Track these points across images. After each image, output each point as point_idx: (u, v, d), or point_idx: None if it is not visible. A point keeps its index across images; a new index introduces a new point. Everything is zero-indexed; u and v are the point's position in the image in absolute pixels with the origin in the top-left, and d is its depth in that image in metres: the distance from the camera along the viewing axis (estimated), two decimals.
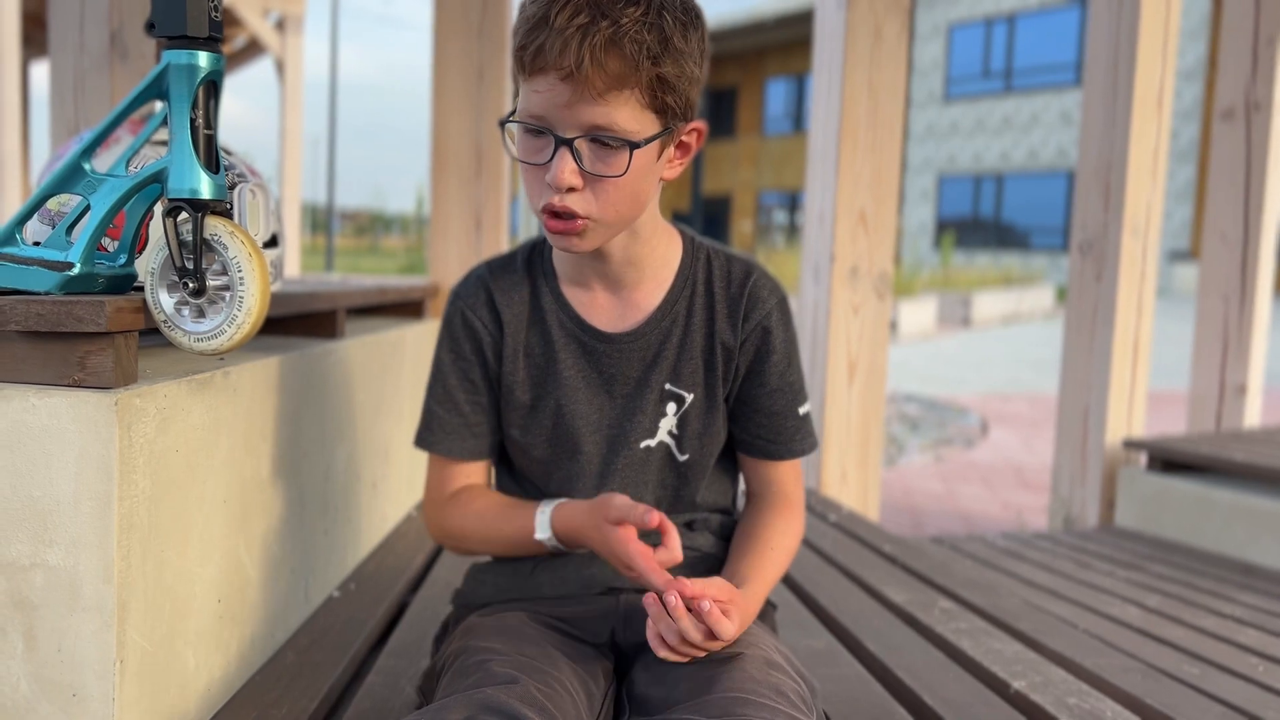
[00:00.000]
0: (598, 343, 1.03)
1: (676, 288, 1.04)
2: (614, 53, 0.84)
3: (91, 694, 0.88)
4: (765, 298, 1.04)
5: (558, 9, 0.84)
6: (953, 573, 1.84)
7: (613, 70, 0.85)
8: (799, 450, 1.08)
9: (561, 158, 0.88)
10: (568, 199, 0.89)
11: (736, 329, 1.04)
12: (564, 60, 0.84)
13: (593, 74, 0.84)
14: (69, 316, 0.86)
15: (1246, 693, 1.38)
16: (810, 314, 2.68)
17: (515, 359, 1.05)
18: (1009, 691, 1.26)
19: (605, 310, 1.04)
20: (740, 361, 1.05)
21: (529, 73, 0.87)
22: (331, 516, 1.48)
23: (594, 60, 0.84)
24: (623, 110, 0.87)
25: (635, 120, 0.88)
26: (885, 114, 2.56)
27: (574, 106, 0.86)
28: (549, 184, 0.89)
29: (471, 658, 0.90)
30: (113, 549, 0.87)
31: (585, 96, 0.85)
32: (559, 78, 0.85)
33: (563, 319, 1.04)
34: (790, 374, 1.06)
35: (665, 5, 0.87)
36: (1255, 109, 3.01)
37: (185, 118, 0.91)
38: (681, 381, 1.04)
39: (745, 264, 1.06)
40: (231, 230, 0.91)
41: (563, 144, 0.88)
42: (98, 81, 1.92)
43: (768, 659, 0.88)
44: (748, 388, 1.06)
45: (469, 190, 2.48)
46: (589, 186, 0.90)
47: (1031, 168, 20.17)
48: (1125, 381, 2.87)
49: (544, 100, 0.87)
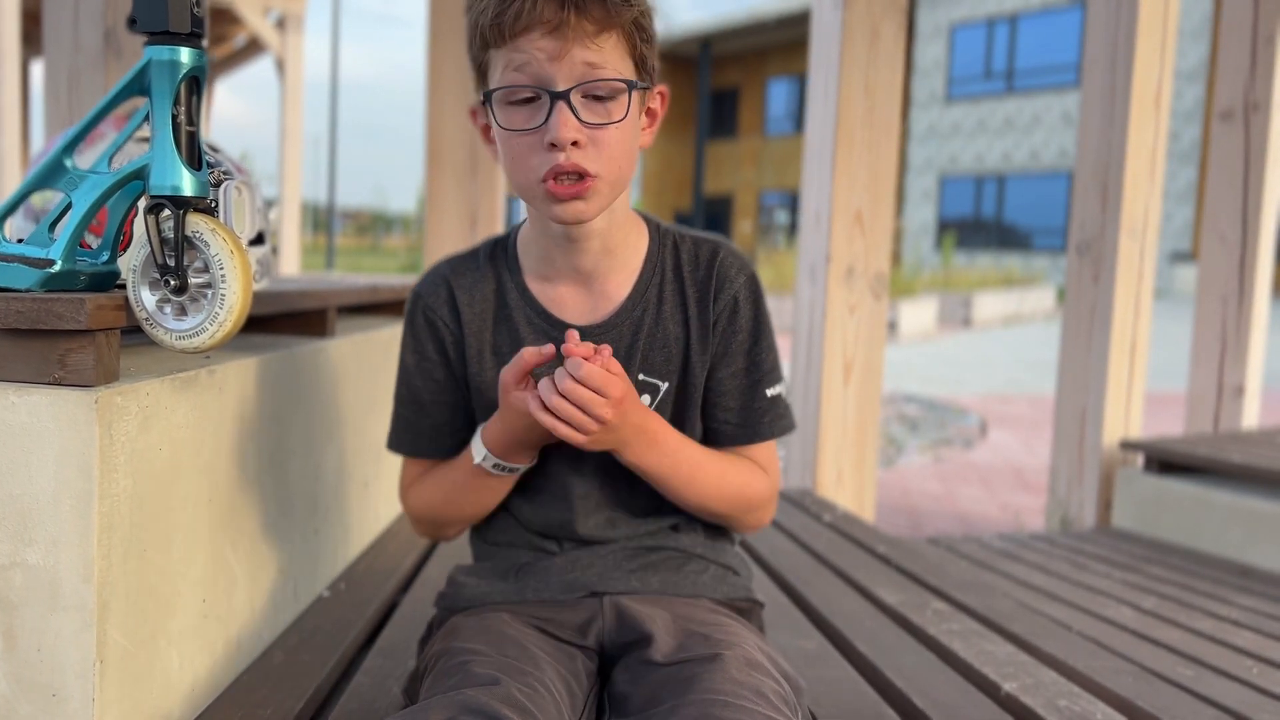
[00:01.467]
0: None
1: (646, 275, 1.03)
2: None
3: (71, 694, 0.88)
4: (733, 276, 1.02)
5: None
6: (947, 574, 1.83)
7: (597, 14, 0.86)
8: (767, 433, 1.04)
9: (560, 112, 0.87)
10: (574, 155, 0.88)
11: (708, 309, 1.02)
12: (548, 13, 0.85)
13: (579, 19, 0.85)
14: (49, 314, 0.85)
15: (1240, 695, 1.37)
16: (806, 314, 2.68)
17: (481, 357, 1.04)
18: (1000, 694, 1.25)
19: (574, 303, 1.02)
20: (714, 342, 1.03)
21: (510, 36, 0.87)
22: (321, 516, 1.48)
23: (578, 5, 0.85)
24: (612, 53, 0.88)
25: (623, 64, 0.89)
26: (882, 114, 2.55)
27: (563, 57, 0.86)
28: (552, 142, 0.87)
29: (453, 659, 0.89)
30: (93, 548, 0.86)
31: (576, 41, 0.86)
32: (545, 32, 0.85)
33: (530, 314, 1.03)
34: (757, 352, 1.03)
35: None
36: (1254, 109, 3.00)
37: (167, 114, 0.90)
38: (655, 370, 1.03)
39: (712, 244, 1.04)
40: (214, 227, 0.91)
41: (558, 98, 0.87)
42: (92, 79, 1.92)
43: (749, 659, 0.88)
44: (714, 368, 1.03)
45: (464, 188, 2.47)
46: (590, 143, 0.89)
47: (1033, 168, 20.16)
48: (1123, 382, 2.87)
49: (529, 60, 0.87)
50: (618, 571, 1.04)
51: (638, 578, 1.04)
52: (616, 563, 1.04)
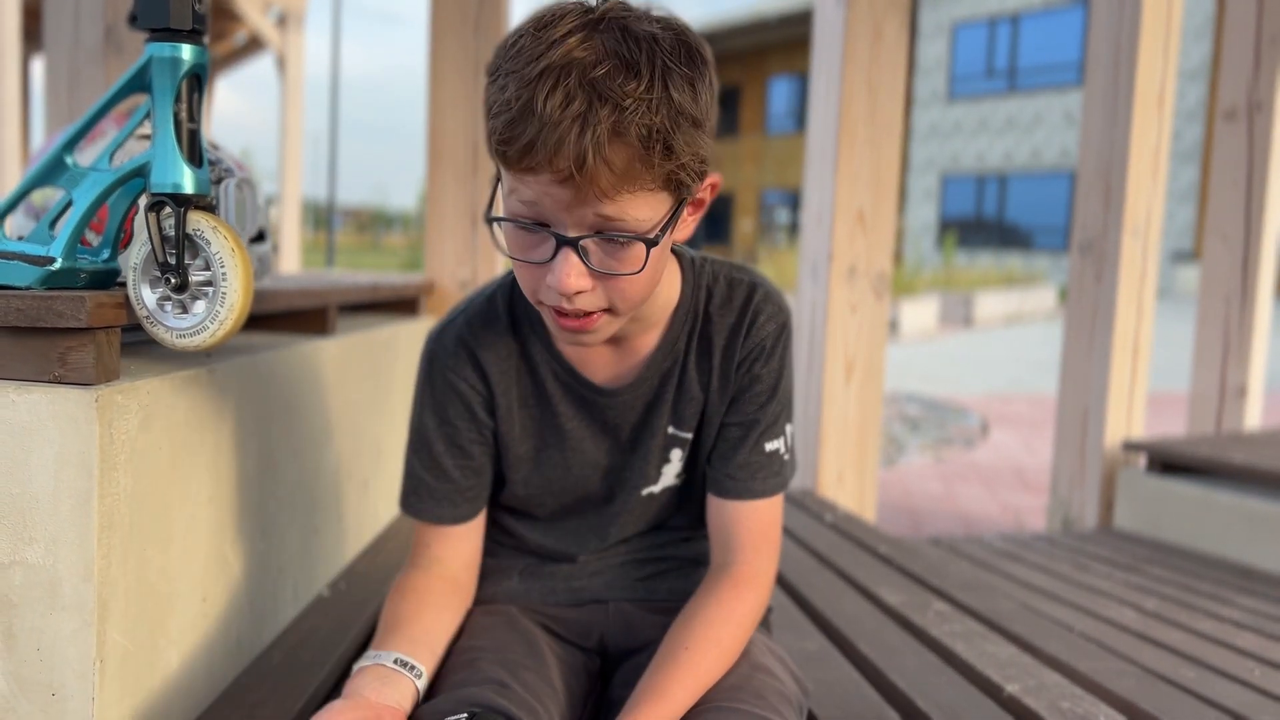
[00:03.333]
0: (596, 395, 0.96)
1: (676, 326, 0.95)
2: (620, 146, 0.70)
3: (71, 693, 0.87)
4: (763, 323, 0.94)
5: (545, 94, 0.69)
6: (948, 574, 1.82)
7: (621, 168, 0.71)
8: (759, 490, 0.94)
9: (566, 259, 0.75)
10: (579, 301, 0.78)
11: (732, 358, 0.95)
12: (560, 161, 0.70)
13: (597, 173, 0.70)
14: (49, 312, 0.85)
15: (1242, 696, 1.37)
16: (808, 313, 2.67)
17: (510, 412, 0.97)
18: (1002, 695, 1.24)
19: (602, 362, 0.95)
20: (731, 390, 0.96)
21: (516, 170, 0.73)
22: (321, 515, 1.47)
23: (598, 157, 0.69)
24: (633, 203, 0.74)
25: (648, 208, 0.75)
26: (884, 113, 2.55)
27: (575, 209, 0.73)
28: (552, 287, 0.77)
29: (460, 655, 0.89)
30: (93, 547, 0.86)
31: (589, 198, 0.72)
32: (555, 180, 0.71)
33: (556, 370, 0.96)
34: (770, 406, 0.95)
35: (669, 65, 0.72)
36: (1257, 109, 2.99)
37: (168, 111, 0.90)
38: (683, 423, 0.97)
39: (748, 286, 0.96)
40: (215, 225, 0.90)
41: (566, 244, 0.75)
42: (92, 76, 1.92)
43: (753, 661, 0.87)
44: (724, 418, 0.96)
45: (465, 187, 2.47)
46: (599, 284, 0.78)
47: (1035, 168, 20.14)
48: (1125, 382, 2.86)
49: (538, 197, 0.74)
50: (625, 580, 1.03)
51: (645, 586, 1.03)
52: (625, 571, 1.04)
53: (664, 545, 1.05)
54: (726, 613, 0.87)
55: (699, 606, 0.88)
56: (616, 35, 0.71)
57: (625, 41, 0.71)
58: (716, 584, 0.90)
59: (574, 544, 1.03)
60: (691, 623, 0.86)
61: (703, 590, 0.90)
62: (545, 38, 0.71)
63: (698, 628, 0.85)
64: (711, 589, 0.89)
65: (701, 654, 0.83)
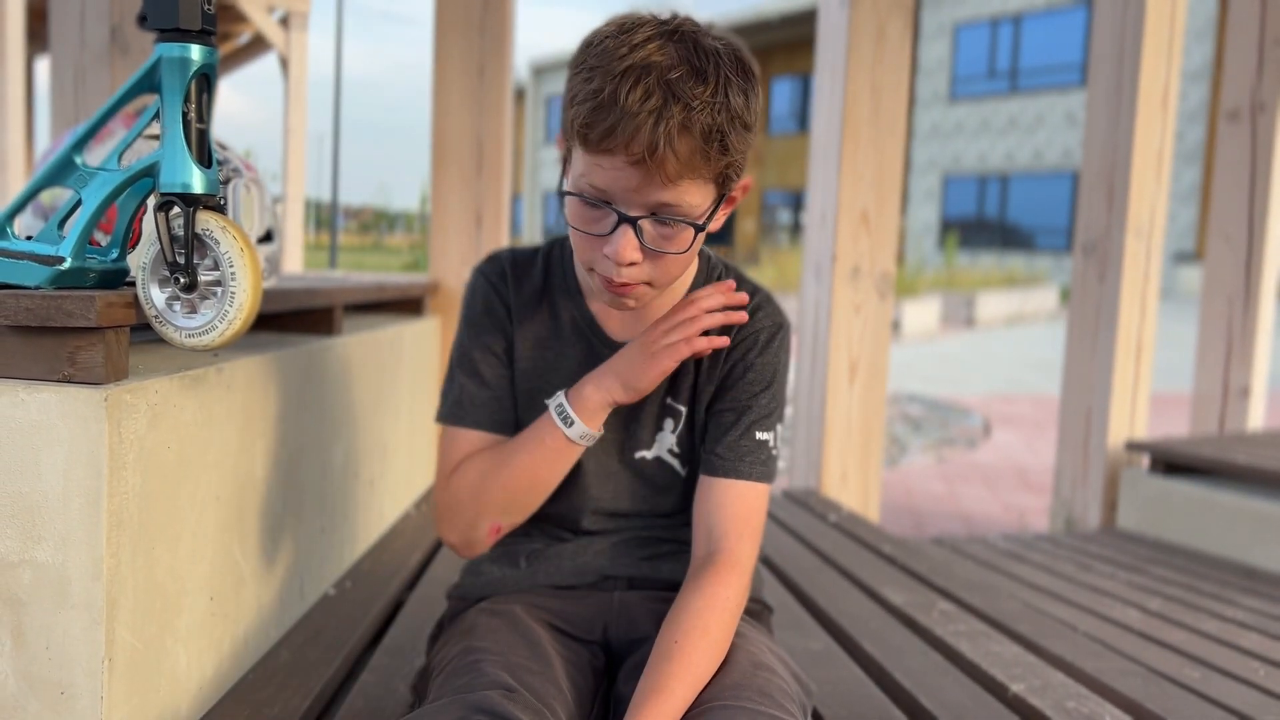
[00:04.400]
0: (605, 348, 1.03)
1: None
2: (686, 139, 0.82)
3: (80, 692, 0.88)
4: (760, 318, 1.03)
5: (627, 89, 0.81)
6: (952, 574, 1.83)
7: (685, 157, 0.83)
8: (746, 472, 0.98)
9: (624, 234, 0.87)
10: (627, 272, 0.89)
11: (729, 338, 1.02)
12: (635, 145, 0.81)
13: (665, 160, 0.82)
14: (59, 311, 0.85)
15: (1247, 697, 1.37)
16: (811, 314, 2.67)
17: (524, 344, 1.05)
18: (1007, 695, 1.25)
19: (619, 321, 1.05)
20: (720, 372, 1.03)
21: (594, 151, 0.84)
22: (328, 514, 1.48)
23: (668, 146, 0.81)
24: (690, 190, 0.86)
25: (699, 196, 0.87)
26: (888, 114, 2.55)
27: (642, 189, 0.85)
28: (608, 257, 0.88)
29: (464, 658, 0.89)
30: (102, 546, 0.86)
31: (655, 181, 0.84)
32: (628, 161, 0.83)
33: (576, 316, 1.04)
34: (763, 398, 1.01)
35: (729, 75, 0.84)
36: (1260, 110, 2.99)
37: (177, 111, 0.90)
38: (678, 396, 1.04)
39: (751, 288, 1.05)
40: (224, 225, 0.90)
41: (626, 221, 0.87)
42: (98, 76, 1.92)
43: (755, 660, 0.88)
44: (716, 401, 1.03)
45: (470, 187, 2.47)
46: (648, 260, 0.89)
47: (1037, 168, 20.13)
48: (1128, 383, 2.86)
49: (609, 178, 0.85)
50: (628, 558, 1.05)
51: (649, 565, 1.05)
52: (628, 549, 1.06)
53: (665, 527, 1.07)
54: (710, 600, 0.90)
55: (685, 599, 0.91)
56: (689, 46, 0.84)
57: (696, 52, 0.84)
58: (700, 574, 0.93)
59: (576, 504, 1.05)
60: (680, 615, 0.89)
61: (688, 583, 0.93)
62: (628, 40, 0.83)
63: (685, 619, 0.89)
64: (695, 580, 0.93)
65: (692, 645, 0.86)
